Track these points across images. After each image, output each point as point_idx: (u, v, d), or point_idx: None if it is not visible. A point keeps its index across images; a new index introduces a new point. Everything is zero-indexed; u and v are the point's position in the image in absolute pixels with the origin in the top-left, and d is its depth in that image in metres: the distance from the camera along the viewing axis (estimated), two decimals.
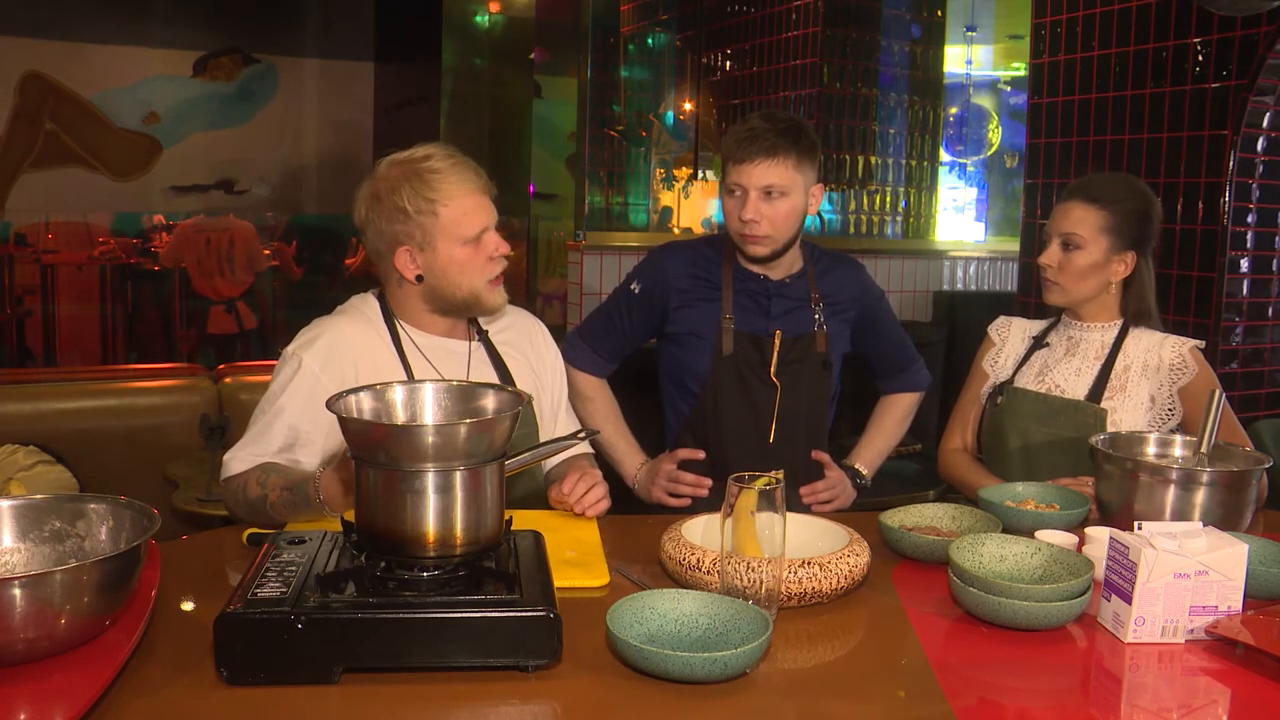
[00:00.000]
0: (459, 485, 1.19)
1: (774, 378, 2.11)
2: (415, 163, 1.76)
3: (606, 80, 6.47)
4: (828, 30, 4.94)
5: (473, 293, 1.79)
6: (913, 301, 5.08)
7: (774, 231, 2.04)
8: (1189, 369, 1.99)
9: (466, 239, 1.75)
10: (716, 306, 2.13)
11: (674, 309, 2.15)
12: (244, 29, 8.52)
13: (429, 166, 1.75)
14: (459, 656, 1.14)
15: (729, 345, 2.11)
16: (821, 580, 1.37)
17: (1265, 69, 3.06)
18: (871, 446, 2.33)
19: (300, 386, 1.73)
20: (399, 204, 1.73)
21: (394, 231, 1.75)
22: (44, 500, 1.28)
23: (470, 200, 1.76)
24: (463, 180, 1.75)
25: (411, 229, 1.74)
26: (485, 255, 1.78)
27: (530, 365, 1.96)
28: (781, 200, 2.02)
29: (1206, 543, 1.32)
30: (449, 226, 1.74)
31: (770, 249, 2.07)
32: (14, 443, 2.84)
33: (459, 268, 1.76)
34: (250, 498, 1.64)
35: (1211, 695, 1.22)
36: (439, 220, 1.73)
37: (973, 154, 7.90)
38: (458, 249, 1.75)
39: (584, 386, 2.21)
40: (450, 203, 1.74)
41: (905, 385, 2.37)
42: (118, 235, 8.05)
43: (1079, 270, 2.03)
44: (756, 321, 2.13)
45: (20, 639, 1.05)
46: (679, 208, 6.78)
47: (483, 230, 1.77)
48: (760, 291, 2.14)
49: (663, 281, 2.16)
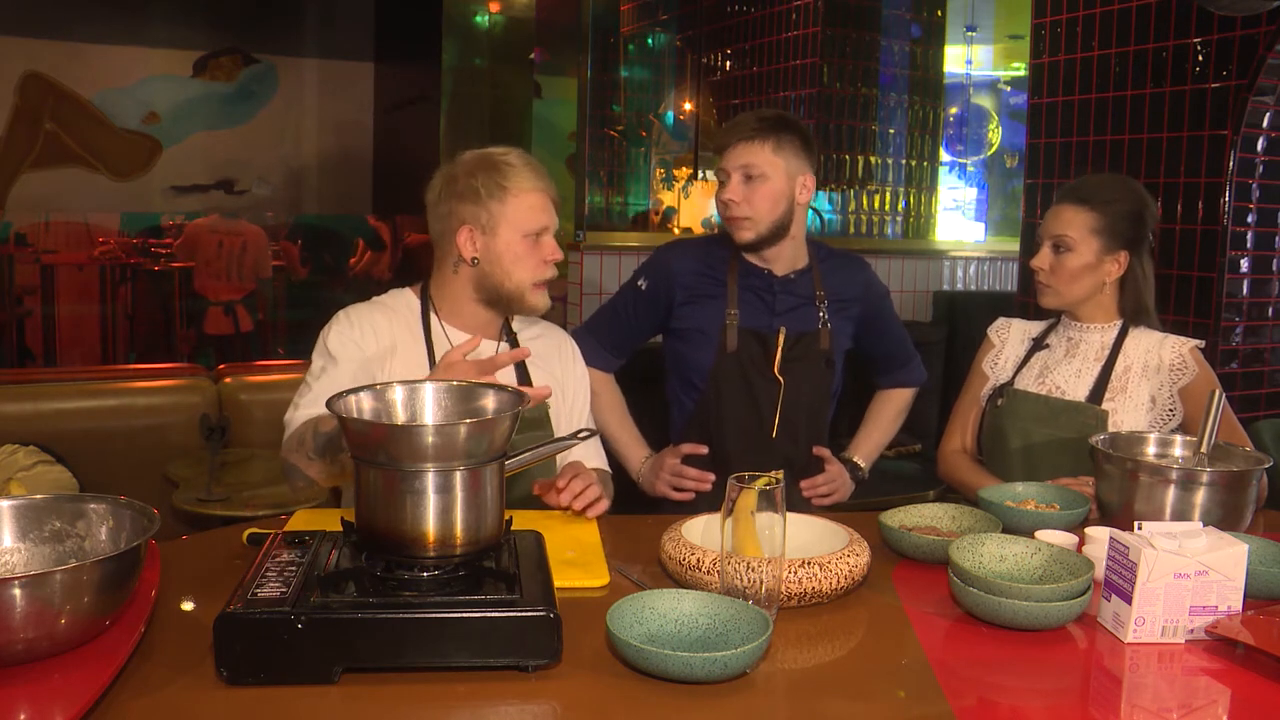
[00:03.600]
0: (459, 485, 1.19)
1: (777, 374, 2.13)
2: (495, 155, 1.87)
3: (606, 80, 6.47)
4: (828, 30, 4.94)
5: (520, 287, 1.85)
6: (913, 301, 5.08)
7: (753, 214, 2.08)
8: (1189, 369, 1.99)
9: (528, 232, 1.84)
10: (722, 303, 2.15)
11: (679, 305, 2.18)
12: (244, 29, 8.52)
13: (507, 160, 1.86)
14: (459, 656, 1.14)
15: (733, 341, 2.13)
16: (821, 580, 1.37)
17: (1265, 69, 3.06)
18: (869, 440, 2.36)
19: (338, 341, 1.82)
20: (473, 185, 1.83)
21: (462, 211, 1.84)
22: (44, 500, 1.28)
23: (538, 198, 1.85)
24: (536, 178, 1.86)
25: (479, 211, 1.83)
26: (541, 255, 1.86)
27: (555, 376, 1.99)
28: (761, 183, 2.08)
29: (1206, 543, 1.32)
30: (514, 216, 1.83)
31: (754, 233, 2.10)
32: (14, 443, 2.83)
33: (514, 257, 1.84)
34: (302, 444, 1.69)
35: (1211, 695, 1.22)
36: (505, 208, 1.82)
37: (973, 154, 7.90)
38: (518, 240, 1.83)
39: (591, 381, 2.20)
40: (521, 195, 1.83)
41: (903, 381, 2.40)
42: (126, 235, 8.04)
43: (1071, 272, 2.03)
44: (760, 318, 2.15)
45: (20, 639, 1.05)
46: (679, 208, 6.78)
47: (544, 230, 1.86)
48: (765, 288, 2.16)
49: (668, 278, 2.19)
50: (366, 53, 8.75)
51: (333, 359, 1.81)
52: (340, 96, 8.89)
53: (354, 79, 8.84)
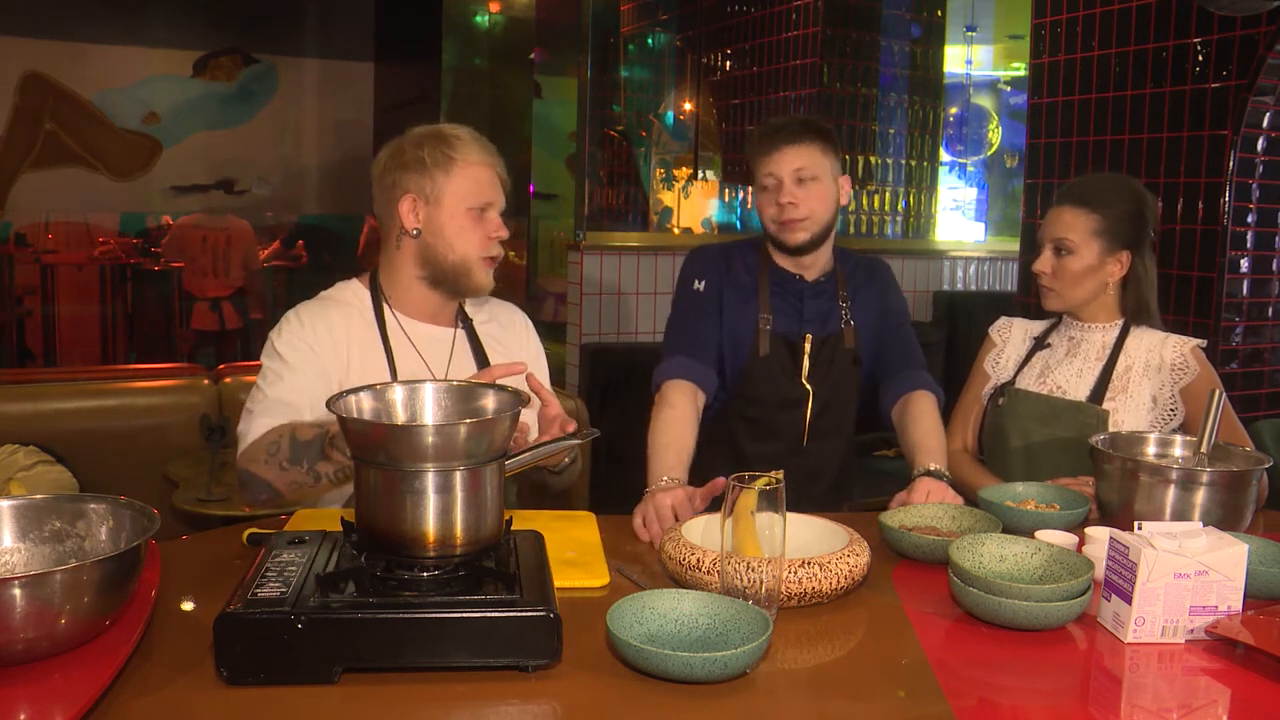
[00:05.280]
0: (459, 485, 1.19)
1: (805, 382, 2.13)
2: (444, 129, 1.85)
3: (606, 80, 6.46)
4: (828, 30, 4.94)
5: (464, 260, 1.83)
6: (913, 301, 5.08)
7: (811, 214, 2.08)
8: (1190, 369, 1.99)
9: (472, 206, 1.82)
10: (754, 307, 2.15)
11: (725, 304, 2.16)
12: (244, 29, 8.51)
13: (454, 133, 1.84)
14: (459, 656, 1.14)
15: (765, 346, 2.13)
16: (821, 580, 1.37)
17: (1265, 69, 3.06)
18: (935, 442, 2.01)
19: (289, 344, 1.79)
20: (419, 155, 1.81)
21: (406, 180, 1.82)
22: (44, 500, 1.28)
23: (485, 172, 1.84)
24: (483, 153, 1.84)
25: (423, 180, 1.80)
26: (485, 231, 1.83)
27: (510, 354, 1.99)
28: (814, 184, 2.08)
29: (1206, 543, 1.32)
30: (459, 188, 1.81)
31: (810, 233, 2.09)
32: (14, 443, 2.83)
33: (457, 230, 1.81)
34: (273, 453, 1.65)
35: (1211, 695, 1.22)
36: (451, 179, 1.81)
37: (973, 154, 7.90)
38: (462, 212, 1.81)
39: (669, 391, 2.04)
40: (467, 167, 1.82)
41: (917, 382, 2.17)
42: (125, 235, 8.04)
43: (1073, 275, 2.03)
44: (791, 324, 2.15)
45: (20, 639, 1.05)
46: (679, 208, 6.78)
47: (488, 205, 1.84)
48: (794, 294, 2.16)
49: (721, 272, 2.18)
50: (366, 53, 8.75)
51: (285, 363, 1.78)
52: (340, 96, 8.89)
53: (354, 79, 8.84)
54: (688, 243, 5.25)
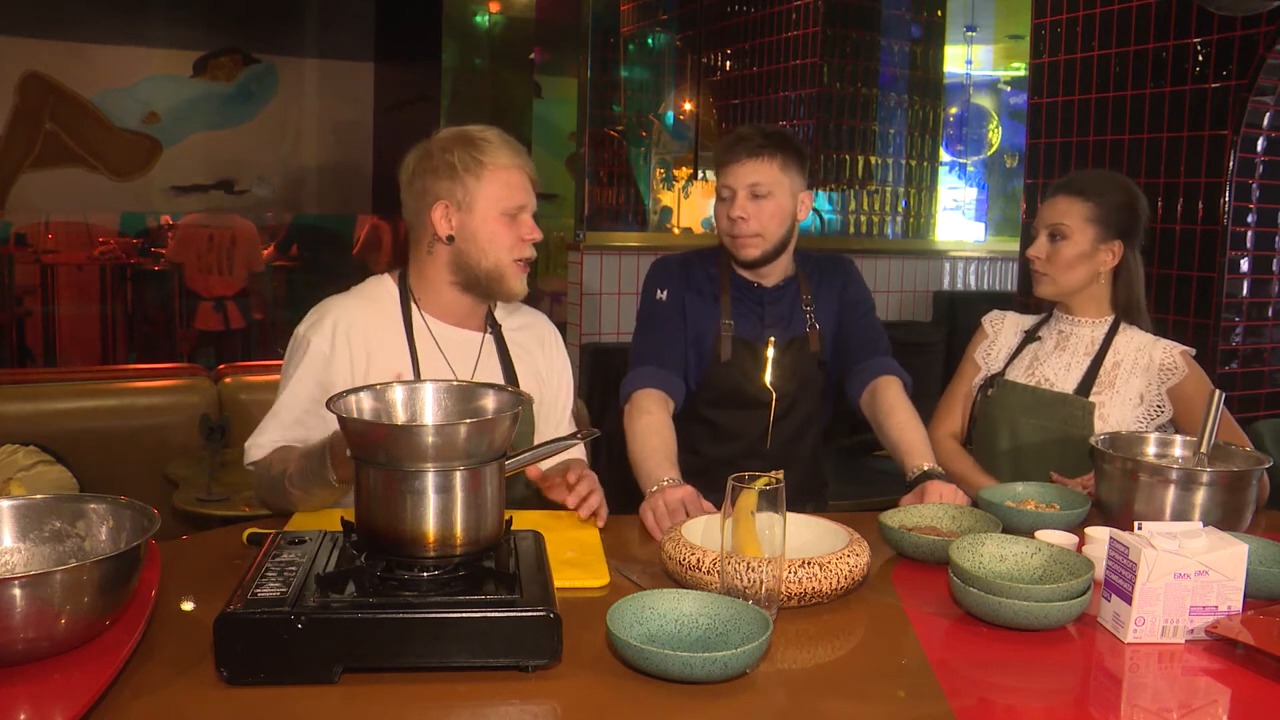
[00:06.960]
0: (459, 485, 1.19)
1: (768, 385, 2.13)
2: (472, 132, 1.82)
3: (606, 80, 6.46)
4: (828, 30, 4.95)
5: (498, 266, 1.80)
6: (913, 301, 5.08)
7: (762, 230, 2.07)
8: (1179, 370, 2.01)
9: (505, 210, 1.79)
10: (715, 312, 2.15)
11: (688, 312, 2.17)
12: (244, 29, 8.51)
13: (484, 136, 1.81)
14: (459, 656, 1.14)
15: (727, 351, 2.13)
16: (821, 580, 1.37)
17: (1265, 69, 3.06)
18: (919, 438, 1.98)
19: (310, 369, 1.78)
20: (448, 160, 1.78)
21: (437, 187, 1.79)
22: (44, 500, 1.28)
23: (516, 175, 1.81)
24: (513, 155, 1.82)
25: (454, 186, 1.78)
26: (518, 234, 1.81)
27: (537, 367, 1.97)
28: (768, 200, 2.06)
29: (1206, 543, 1.32)
30: (491, 192, 1.78)
31: (760, 250, 2.09)
32: (14, 443, 2.84)
33: (490, 235, 1.79)
34: (273, 475, 1.69)
35: (1211, 695, 1.22)
36: (482, 184, 1.78)
37: (973, 154, 7.90)
38: (494, 217, 1.79)
39: (640, 399, 2.05)
40: (498, 171, 1.79)
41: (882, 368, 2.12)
42: (124, 235, 8.03)
43: (1067, 260, 2.06)
44: (752, 329, 2.15)
45: (20, 639, 1.05)
46: (679, 208, 6.78)
47: (521, 208, 1.81)
48: (755, 299, 2.17)
49: (682, 281, 2.18)
50: (366, 53, 8.74)
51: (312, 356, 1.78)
52: (340, 96, 8.88)
53: (354, 79, 8.83)
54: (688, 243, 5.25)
